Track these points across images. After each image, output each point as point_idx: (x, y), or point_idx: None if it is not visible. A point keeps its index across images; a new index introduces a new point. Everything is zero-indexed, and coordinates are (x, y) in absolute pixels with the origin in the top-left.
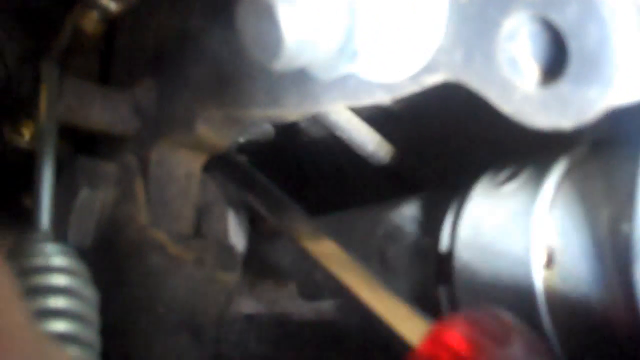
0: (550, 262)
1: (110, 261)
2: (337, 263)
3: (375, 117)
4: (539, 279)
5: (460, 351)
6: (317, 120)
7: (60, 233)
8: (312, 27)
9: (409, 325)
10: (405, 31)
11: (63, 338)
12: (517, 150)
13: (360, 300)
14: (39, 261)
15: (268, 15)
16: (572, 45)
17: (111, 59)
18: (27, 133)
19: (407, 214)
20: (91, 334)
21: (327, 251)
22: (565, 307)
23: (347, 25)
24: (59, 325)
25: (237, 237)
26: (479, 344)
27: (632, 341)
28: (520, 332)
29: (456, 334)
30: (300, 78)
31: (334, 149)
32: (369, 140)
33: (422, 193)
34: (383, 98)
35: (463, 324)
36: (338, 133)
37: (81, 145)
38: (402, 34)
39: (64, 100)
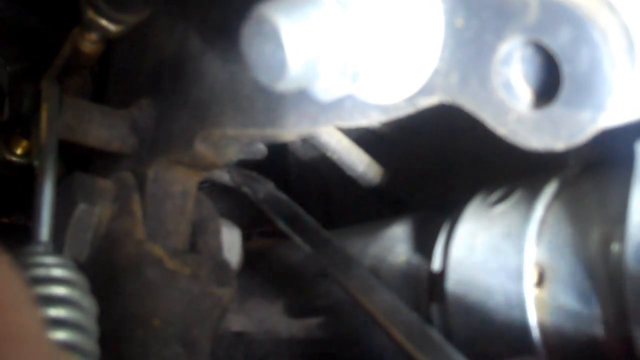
0: (541, 281)
1: (108, 274)
2: (387, 314)
3: (365, 138)
4: (530, 298)
5: None
6: (306, 140)
7: (56, 247)
8: (316, 50)
9: None
10: (403, 54)
11: (64, 347)
12: (506, 170)
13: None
14: (40, 272)
15: (273, 38)
16: (565, 69)
17: (107, 78)
18: (19, 150)
19: (399, 233)
20: (91, 344)
21: (378, 302)
22: (556, 325)
23: (348, 47)
24: (60, 335)
25: (230, 252)
26: None
27: None
28: None
29: None
30: (298, 99)
31: (323, 169)
32: (359, 161)
33: (413, 213)
34: (378, 119)
35: None
36: (328, 154)
37: (75, 162)
38: (400, 57)
39: (63, 118)
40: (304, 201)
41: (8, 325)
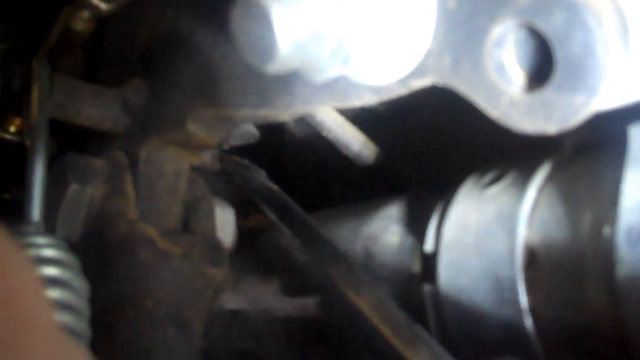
0: (532, 263)
1: (99, 255)
2: (374, 309)
3: (362, 117)
4: (521, 280)
5: None
6: (302, 119)
7: (49, 227)
8: (306, 32)
9: None
10: (395, 36)
11: None
12: (503, 150)
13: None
14: (31, 253)
15: (263, 20)
16: (558, 52)
17: (100, 57)
18: (12, 128)
19: (392, 213)
20: (82, 325)
21: (365, 298)
22: (547, 307)
23: (339, 29)
24: None
25: (224, 232)
26: None
27: (615, 343)
28: None
29: None
30: (291, 79)
31: (318, 148)
32: (354, 141)
33: (407, 193)
34: (371, 100)
35: None
36: (324, 133)
37: (72, 141)
38: (392, 38)
39: (54, 97)
40: (301, 180)
41: (19, 311)
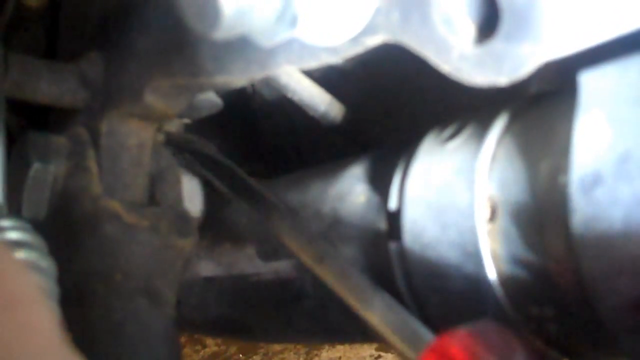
0: (493, 216)
1: (66, 232)
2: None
3: (327, 75)
4: (483, 233)
5: None
6: (269, 83)
7: (14, 208)
8: None
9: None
10: None
11: None
12: (467, 104)
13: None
14: None
15: None
16: (503, 3)
17: (57, 32)
18: None
19: (358, 172)
20: (51, 306)
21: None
22: (509, 259)
23: None
24: None
25: (192, 202)
26: (482, 358)
27: (573, 291)
28: (522, 348)
29: (459, 348)
30: (245, 44)
31: (288, 109)
32: (320, 101)
33: (372, 151)
34: (328, 60)
35: (466, 338)
36: (289, 95)
37: (34, 119)
38: None
39: (10, 76)
40: (274, 142)
41: (19, 316)
